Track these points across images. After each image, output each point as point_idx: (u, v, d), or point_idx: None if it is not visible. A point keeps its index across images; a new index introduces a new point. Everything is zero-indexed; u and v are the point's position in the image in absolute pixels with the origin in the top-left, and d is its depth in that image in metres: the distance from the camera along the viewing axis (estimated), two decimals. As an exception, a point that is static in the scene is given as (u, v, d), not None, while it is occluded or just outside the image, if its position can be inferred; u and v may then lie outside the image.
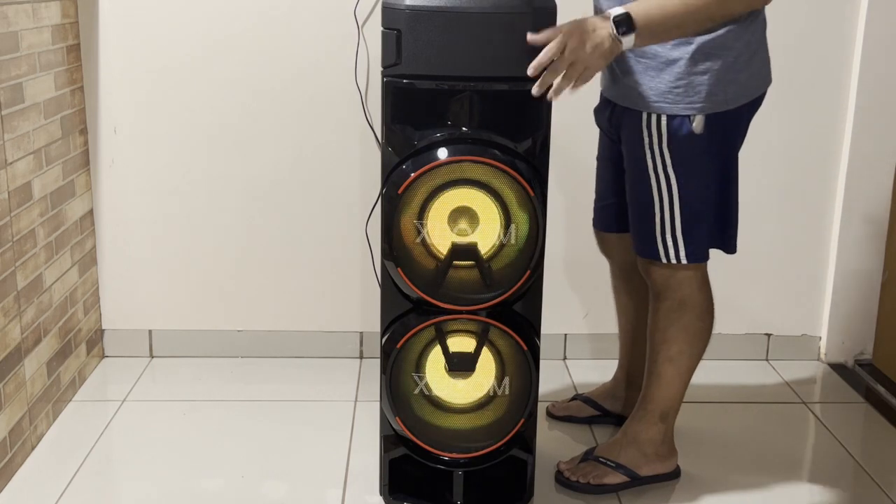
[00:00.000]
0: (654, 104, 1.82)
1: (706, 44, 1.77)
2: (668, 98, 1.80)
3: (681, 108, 1.81)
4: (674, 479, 2.09)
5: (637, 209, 1.93)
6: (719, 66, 1.78)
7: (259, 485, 2.07)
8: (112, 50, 2.47)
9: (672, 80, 1.79)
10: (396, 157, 1.78)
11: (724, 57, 1.78)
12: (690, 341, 1.97)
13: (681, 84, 1.79)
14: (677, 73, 1.79)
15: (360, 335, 2.70)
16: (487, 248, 1.78)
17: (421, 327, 1.82)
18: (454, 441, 1.89)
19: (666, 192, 1.86)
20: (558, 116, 1.86)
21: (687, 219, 1.87)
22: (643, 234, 1.93)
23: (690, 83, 1.79)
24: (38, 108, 2.20)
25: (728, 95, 1.81)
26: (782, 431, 2.35)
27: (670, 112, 1.81)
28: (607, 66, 1.90)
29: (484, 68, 1.72)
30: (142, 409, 2.40)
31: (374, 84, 2.50)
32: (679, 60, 1.78)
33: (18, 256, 2.10)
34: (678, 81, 1.79)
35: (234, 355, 2.69)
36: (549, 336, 2.23)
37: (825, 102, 2.57)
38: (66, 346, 2.39)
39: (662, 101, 1.81)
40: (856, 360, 2.73)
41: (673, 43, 1.77)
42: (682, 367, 1.98)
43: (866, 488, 2.11)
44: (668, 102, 1.81)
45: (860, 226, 2.64)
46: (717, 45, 1.77)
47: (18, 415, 2.09)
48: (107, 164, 2.55)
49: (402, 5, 1.69)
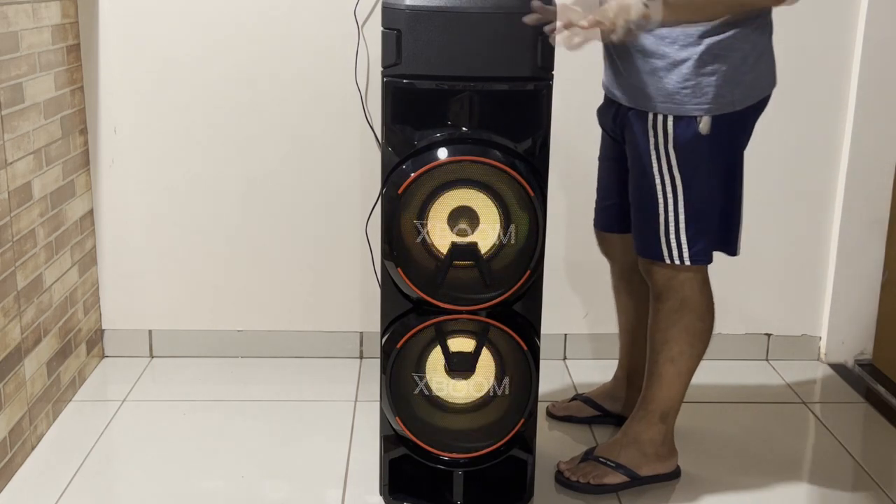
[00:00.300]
0: (661, 105, 1.82)
1: (714, 45, 1.77)
2: (676, 99, 1.80)
3: (688, 108, 1.80)
4: (674, 480, 2.09)
5: (640, 209, 1.93)
6: (727, 68, 1.78)
7: (259, 485, 2.07)
8: (112, 50, 2.47)
9: (679, 80, 1.79)
10: (396, 157, 1.78)
11: (731, 58, 1.78)
12: (691, 342, 1.97)
13: (688, 85, 1.79)
14: (685, 74, 1.79)
15: (360, 335, 2.70)
16: (487, 248, 1.78)
17: (421, 327, 1.82)
18: (454, 441, 1.89)
19: (671, 193, 1.86)
20: (559, 116, 1.86)
21: (691, 220, 1.87)
22: (646, 235, 1.92)
23: (698, 84, 1.79)
24: (38, 108, 2.20)
25: (735, 97, 1.81)
26: (782, 431, 2.35)
27: (677, 113, 1.81)
28: (612, 67, 1.90)
29: (484, 68, 1.72)
30: (142, 409, 2.40)
31: (374, 84, 2.50)
32: (687, 61, 1.78)
33: (18, 256, 2.10)
34: (686, 82, 1.79)
35: (234, 355, 2.69)
36: (549, 336, 2.23)
37: (825, 103, 2.57)
38: (66, 346, 2.39)
39: (670, 101, 1.81)
40: (856, 360, 2.73)
41: (681, 43, 1.77)
42: (682, 367, 1.98)
43: (866, 488, 2.11)
44: (675, 103, 1.81)
45: (860, 226, 2.64)
46: (725, 46, 1.77)
47: (18, 415, 2.09)
48: (107, 164, 2.55)
49: (402, 5, 1.69)
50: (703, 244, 1.90)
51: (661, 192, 1.87)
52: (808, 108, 2.56)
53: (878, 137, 2.58)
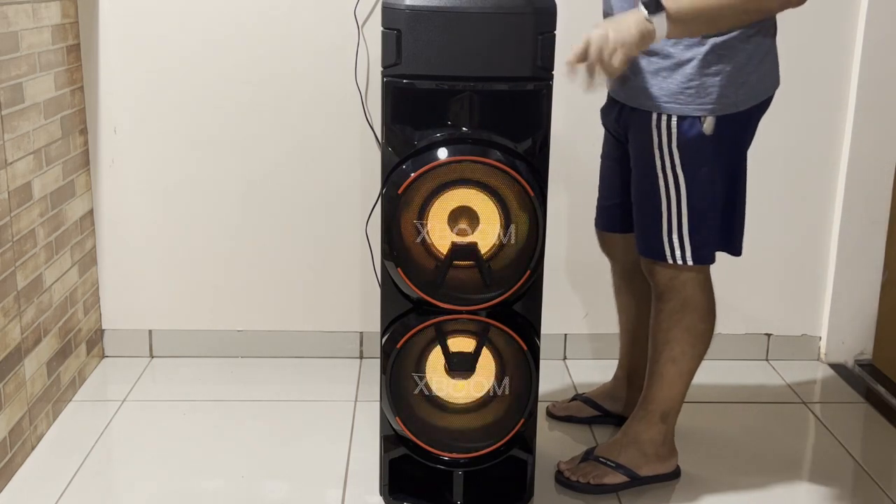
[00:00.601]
0: (665, 105, 1.82)
1: (718, 45, 1.77)
2: (680, 99, 1.80)
3: (692, 108, 1.80)
4: (674, 480, 2.09)
5: (643, 209, 1.93)
6: (731, 68, 1.78)
7: (259, 485, 2.07)
8: (112, 50, 2.47)
9: (684, 80, 1.79)
10: (396, 157, 1.78)
11: (735, 58, 1.78)
12: (692, 342, 1.97)
13: (693, 85, 1.79)
14: (689, 74, 1.79)
15: (360, 335, 2.70)
16: (487, 248, 1.78)
17: (421, 327, 1.82)
18: (454, 441, 1.89)
19: (674, 193, 1.86)
20: (559, 116, 1.86)
21: (694, 219, 1.87)
22: (648, 235, 1.92)
23: (702, 84, 1.79)
24: (38, 108, 2.20)
25: (739, 97, 1.82)
26: (782, 431, 2.35)
27: (681, 113, 1.81)
28: None
29: (484, 68, 1.72)
30: (142, 409, 2.40)
31: (374, 84, 2.50)
32: (691, 61, 1.78)
33: (18, 256, 2.10)
34: (690, 82, 1.79)
35: (234, 355, 2.69)
36: (549, 336, 2.23)
37: (825, 103, 2.57)
38: (66, 346, 2.39)
39: (674, 101, 1.81)
40: (856, 360, 2.73)
41: (685, 44, 1.77)
42: (683, 367, 1.98)
43: (866, 488, 2.11)
44: (679, 103, 1.81)
45: (860, 226, 2.63)
46: (729, 46, 1.77)
47: (18, 415, 2.09)
48: (107, 164, 2.55)
49: (402, 5, 1.69)
50: (706, 244, 1.90)
51: (664, 192, 1.87)
52: (808, 108, 2.56)
53: (878, 137, 2.57)
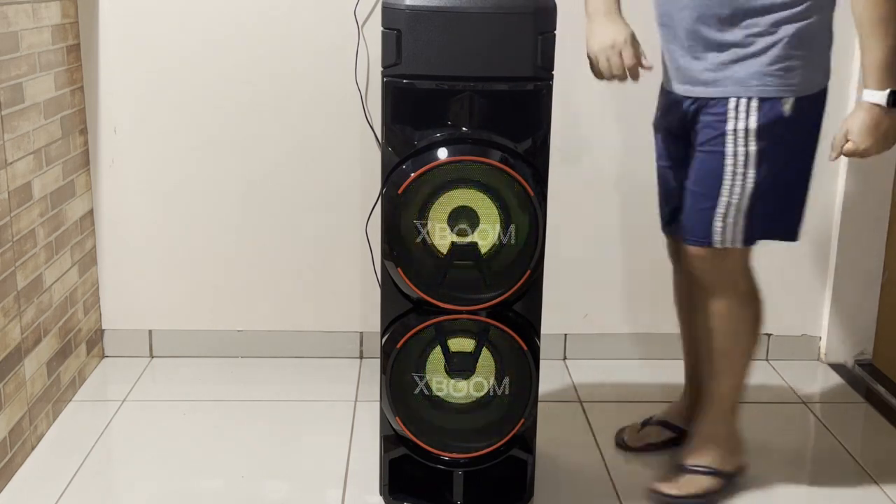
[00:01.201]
0: (751, 87, 1.83)
1: (802, 28, 1.80)
2: (767, 81, 1.82)
3: (775, 90, 1.82)
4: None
5: (702, 187, 1.91)
6: (811, 50, 1.82)
7: (259, 485, 2.07)
8: (112, 50, 2.48)
9: (770, 62, 1.81)
10: (396, 157, 1.78)
11: (814, 41, 1.82)
12: (742, 330, 1.98)
13: (780, 66, 1.81)
14: (776, 56, 1.80)
15: (360, 335, 2.70)
16: (487, 248, 1.78)
17: (421, 327, 1.82)
18: (454, 441, 1.89)
19: (741, 172, 1.85)
20: (559, 116, 1.86)
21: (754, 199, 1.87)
22: (701, 216, 1.90)
23: (788, 66, 1.81)
24: (38, 108, 2.20)
25: (816, 79, 1.86)
26: (782, 431, 2.35)
27: (765, 94, 1.82)
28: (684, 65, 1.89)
29: (484, 68, 1.72)
30: (142, 409, 2.40)
31: (374, 84, 2.50)
32: (778, 43, 1.80)
33: (18, 256, 2.10)
34: (777, 64, 1.81)
35: (234, 355, 2.69)
36: (549, 336, 2.22)
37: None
38: (66, 346, 2.39)
39: (761, 83, 1.82)
40: (856, 360, 2.73)
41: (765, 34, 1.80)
42: (736, 357, 1.99)
43: (866, 488, 2.11)
44: (765, 85, 1.82)
45: (860, 226, 2.63)
46: (812, 29, 1.81)
47: (18, 415, 2.09)
48: (107, 164, 2.55)
49: (402, 5, 1.69)
50: (757, 227, 1.90)
51: (730, 171, 1.86)
52: (808, 108, 2.56)
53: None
